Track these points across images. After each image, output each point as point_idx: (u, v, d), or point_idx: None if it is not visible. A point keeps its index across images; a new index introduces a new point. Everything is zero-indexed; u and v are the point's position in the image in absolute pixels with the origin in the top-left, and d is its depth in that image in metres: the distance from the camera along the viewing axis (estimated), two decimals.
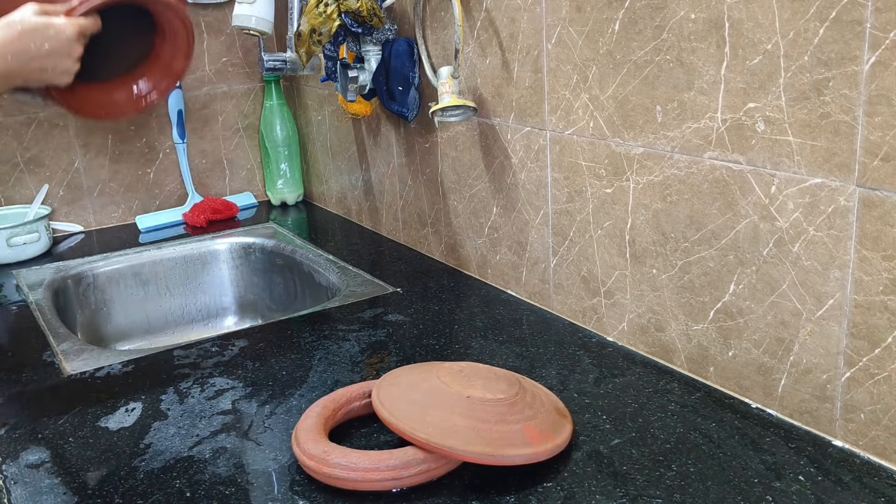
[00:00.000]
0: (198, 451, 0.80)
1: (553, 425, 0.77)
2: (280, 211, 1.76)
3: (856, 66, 0.68)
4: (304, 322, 1.12)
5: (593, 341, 1.00)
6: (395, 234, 1.47)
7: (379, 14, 1.23)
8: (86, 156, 1.64)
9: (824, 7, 0.69)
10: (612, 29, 0.90)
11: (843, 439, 0.76)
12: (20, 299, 1.26)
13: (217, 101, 1.76)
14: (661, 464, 0.74)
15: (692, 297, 0.88)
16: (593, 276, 1.01)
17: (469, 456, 0.71)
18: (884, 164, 0.67)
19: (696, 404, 0.84)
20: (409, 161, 1.37)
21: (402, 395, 0.77)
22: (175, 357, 1.02)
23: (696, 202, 0.85)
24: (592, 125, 0.96)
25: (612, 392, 0.87)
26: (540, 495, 0.70)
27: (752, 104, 0.77)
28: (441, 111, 1.11)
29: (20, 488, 0.75)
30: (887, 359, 0.70)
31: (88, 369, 0.99)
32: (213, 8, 1.70)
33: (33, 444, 0.83)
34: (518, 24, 1.04)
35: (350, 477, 0.71)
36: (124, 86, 1.03)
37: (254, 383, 0.94)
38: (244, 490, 0.73)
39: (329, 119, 1.64)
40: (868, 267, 0.70)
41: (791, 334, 0.78)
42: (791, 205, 0.75)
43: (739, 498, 0.69)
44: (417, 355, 0.99)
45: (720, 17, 0.78)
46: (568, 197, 1.02)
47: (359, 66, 1.30)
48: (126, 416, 0.88)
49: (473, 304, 1.15)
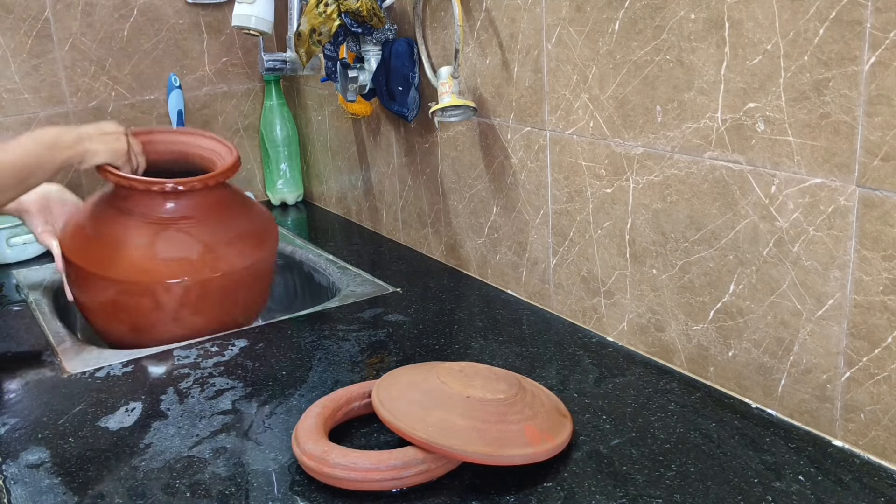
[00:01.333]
0: (198, 451, 0.80)
1: (553, 425, 0.77)
2: (280, 211, 1.76)
3: (856, 66, 0.68)
4: (304, 322, 1.11)
5: (593, 341, 1.00)
6: (395, 234, 1.47)
7: (379, 14, 1.23)
8: None
9: (824, 7, 0.69)
10: (612, 29, 0.90)
11: (843, 439, 0.76)
12: (20, 299, 1.26)
13: (217, 101, 1.76)
14: (661, 464, 0.74)
15: (692, 297, 0.88)
16: (593, 276, 1.01)
17: (469, 456, 0.71)
18: (884, 164, 0.67)
19: (696, 404, 0.84)
20: (409, 161, 1.37)
21: (402, 395, 0.77)
22: (175, 357, 1.02)
23: (696, 202, 0.85)
24: (592, 125, 0.96)
25: (612, 392, 0.87)
26: (540, 495, 0.70)
27: (752, 104, 0.77)
28: (441, 111, 1.11)
29: (20, 488, 0.75)
30: (887, 359, 0.70)
31: (88, 369, 0.99)
32: (213, 8, 1.70)
33: (33, 444, 0.83)
34: (518, 24, 1.04)
35: (350, 477, 0.71)
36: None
37: (254, 383, 0.94)
38: (244, 490, 0.73)
39: (329, 119, 1.64)
40: (868, 267, 0.70)
41: (791, 334, 0.78)
42: (791, 205, 0.75)
43: (739, 498, 0.69)
44: (417, 355, 0.99)
45: (720, 17, 0.78)
46: (568, 197, 1.02)
47: (359, 66, 1.30)
48: (126, 416, 0.87)
49: (473, 304, 1.15)
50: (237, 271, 1.07)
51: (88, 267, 1.04)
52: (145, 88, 1.67)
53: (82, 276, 1.06)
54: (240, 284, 1.08)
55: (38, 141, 0.96)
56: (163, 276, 1.03)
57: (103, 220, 1.07)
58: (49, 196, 1.16)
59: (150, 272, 1.03)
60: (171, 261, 1.04)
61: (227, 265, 1.06)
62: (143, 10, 1.63)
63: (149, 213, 1.05)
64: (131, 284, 1.03)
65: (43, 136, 0.97)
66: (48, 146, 0.96)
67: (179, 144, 1.17)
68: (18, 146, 0.95)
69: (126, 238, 1.04)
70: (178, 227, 1.06)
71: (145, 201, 1.05)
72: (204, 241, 1.06)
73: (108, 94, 1.63)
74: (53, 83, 1.58)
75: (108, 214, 1.07)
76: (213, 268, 1.06)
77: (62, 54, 1.58)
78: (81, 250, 1.06)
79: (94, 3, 1.59)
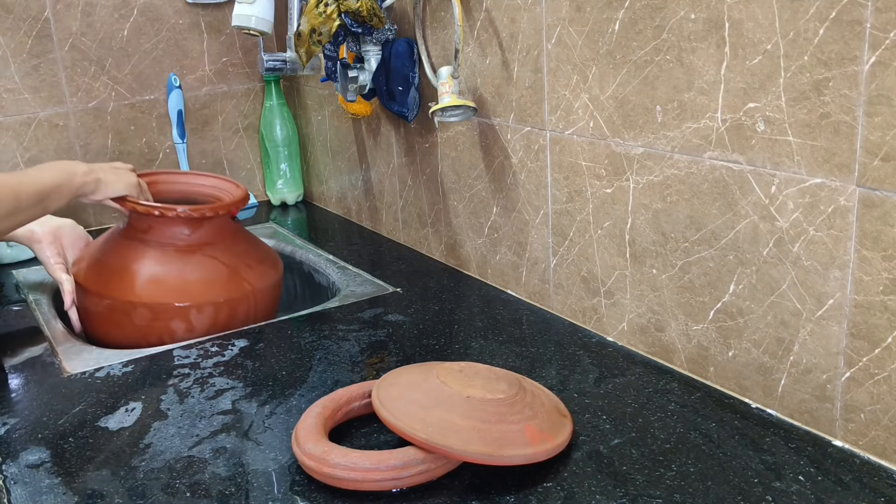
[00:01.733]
0: (198, 451, 0.80)
1: (553, 425, 0.77)
2: (280, 211, 1.76)
3: (856, 66, 0.68)
4: (304, 322, 1.12)
5: (593, 341, 1.00)
6: (395, 234, 1.47)
7: (379, 14, 1.23)
8: (86, 156, 1.64)
9: (824, 7, 0.69)
10: (612, 29, 0.90)
11: (843, 439, 0.76)
12: (20, 299, 1.26)
13: (217, 101, 1.76)
14: (661, 464, 0.74)
15: (692, 297, 0.88)
16: (593, 276, 1.01)
17: (469, 456, 0.71)
18: (884, 164, 0.67)
19: (696, 404, 0.84)
20: (409, 161, 1.37)
21: (402, 395, 0.77)
22: (175, 357, 1.02)
23: (696, 202, 0.85)
24: (592, 125, 0.96)
25: (612, 392, 0.87)
26: (540, 495, 0.70)
27: (752, 104, 0.77)
28: (441, 111, 1.11)
29: (20, 488, 0.75)
30: (887, 359, 0.70)
31: (88, 369, 0.99)
32: (213, 8, 1.70)
33: (33, 444, 0.83)
34: (518, 24, 1.04)
35: (350, 477, 0.71)
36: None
37: (254, 383, 0.94)
38: (244, 490, 0.73)
39: (329, 119, 1.64)
40: (868, 267, 0.70)
41: (791, 334, 0.78)
42: (791, 205, 0.75)
43: (739, 498, 0.69)
44: (417, 355, 0.99)
45: (720, 17, 0.78)
46: (568, 197, 1.02)
47: (359, 66, 1.30)
48: (126, 416, 0.87)
49: (473, 304, 1.15)
50: (261, 290, 1.14)
51: (119, 296, 1.08)
52: (145, 88, 1.67)
53: (110, 307, 1.09)
54: (262, 303, 1.15)
55: (56, 168, 1.03)
56: (195, 298, 1.09)
57: (126, 252, 1.11)
58: (62, 228, 1.21)
59: (183, 295, 1.08)
60: (201, 282, 1.10)
61: (250, 286, 1.13)
62: (143, 10, 1.63)
63: (172, 241, 1.11)
64: (165, 308, 1.08)
65: (60, 164, 1.05)
66: (66, 172, 1.03)
67: (180, 185, 1.24)
68: (38, 170, 1.02)
69: (154, 265, 1.10)
70: (203, 253, 1.12)
71: (168, 230, 1.11)
72: (228, 265, 1.13)
73: (108, 94, 1.63)
74: (53, 83, 1.58)
75: (129, 246, 1.12)
76: (240, 288, 1.12)
77: (62, 54, 1.58)
78: (107, 282, 1.10)
79: (94, 3, 1.59)
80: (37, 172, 1.02)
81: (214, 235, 1.13)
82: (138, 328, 1.08)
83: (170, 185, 1.22)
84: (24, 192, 0.97)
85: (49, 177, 1.01)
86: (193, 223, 1.11)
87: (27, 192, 0.97)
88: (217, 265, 1.12)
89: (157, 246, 1.10)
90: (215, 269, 1.11)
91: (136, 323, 1.08)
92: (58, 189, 1.01)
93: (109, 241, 1.15)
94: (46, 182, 1.00)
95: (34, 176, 1.00)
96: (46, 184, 1.00)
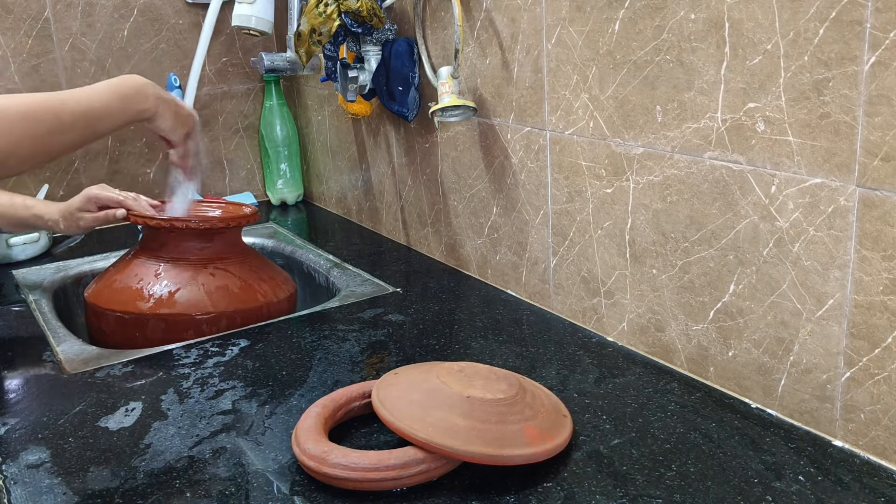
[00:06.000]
0: (198, 451, 0.80)
1: (553, 425, 0.77)
2: (280, 211, 1.76)
3: (856, 66, 0.68)
4: (304, 322, 1.12)
5: (593, 341, 1.00)
6: (395, 234, 1.47)
7: (379, 14, 1.23)
8: (86, 156, 1.64)
9: (824, 7, 0.69)
10: (612, 29, 0.90)
11: (843, 439, 0.76)
12: (20, 299, 1.26)
13: (217, 101, 1.76)
14: (661, 464, 0.74)
15: (692, 297, 0.88)
16: (593, 276, 1.01)
17: (469, 456, 0.71)
18: (884, 164, 0.67)
19: (696, 404, 0.84)
20: (409, 161, 1.37)
21: (402, 395, 0.77)
22: (175, 357, 1.02)
23: (696, 202, 0.85)
24: (592, 125, 0.96)
25: (612, 392, 0.87)
26: (540, 495, 0.70)
27: (752, 104, 0.77)
28: (441, 111, 1.11)
29: (20, 488, 0.75)
30: (887, 359, 0.70)
31: (88, 369, 0.99)
32: None
33: (33, 444, 0.83)
34: (518, 24, 1.04)
35: (350, 477, 0.71)
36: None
37: (254, 383, 0.94)
38: (244, 490, 0.73)
39: (329, 119, 1.64)
40: (868, 267, 0.70)
41: (791, 334, 0.78)
42: (791, 205, 0.75)
43: (739, 498, 0.69)
44: (417, 355, 0.99)
45: (720, 17, 0.78)
46: (568, 197, 1.02)
47: (359, 66, 1.30)
48: (126, 416, 0.87)
49: (473, 304, 1.15)
50: (274, 304, 1.17)
51: (132, 309, 1.10)
52: None
53: (122, 321, 1.11)
54: (275, 317, 1.16)
55: (114, 89, 0.96)
56: (208, 310, 1.11)
57: (140, 269, 1.14)
58: (71, 205, 1.22)
59: (197, 307, 1.10)
60: (214, 294, 1.12)
61: (263, 298, 1.15)
62: (143, 10, 1.63)
63: (185, 255, 1.14)
64: (179, 320, 1.10)
65: (120, 87, 0.97)
66: (122, 97, 0.97)
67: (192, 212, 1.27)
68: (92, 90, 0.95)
69: (167, 279, 1.12)
70: (216, 266, 1.15)
71: (181, 244, 1.14)
72: (242, 277, 1.16)
73: None
74: (53, 83, 1.58)
75: (143, 263, 1.15)
76: (254, 299, 1.14)
77: (62, 54, 1.58)
78: (120, 297, 1.12)
79: (94, 3, 1.59)
80: (89, 91, 0.95)
81: (227, 250, 1.17)
82: (151, 342, 1.09)
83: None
84: (66, 112, 0.90)
85: (100, 99, 0.94)
86: (205, 236, 1.14)
87: (69, 111, 0.90)
88: (230, 277, 1.14)
89: (170, 261, 1.13)
90: (228, 281, 1.14)
91: (150, 336, 1.10)
92: (110, 116, 0.95)
93: (122, 261, 1.18)
94: (94, 104, 0.93)
95: (81, 95, 0.93)
96: (94, 106, 0.93)
